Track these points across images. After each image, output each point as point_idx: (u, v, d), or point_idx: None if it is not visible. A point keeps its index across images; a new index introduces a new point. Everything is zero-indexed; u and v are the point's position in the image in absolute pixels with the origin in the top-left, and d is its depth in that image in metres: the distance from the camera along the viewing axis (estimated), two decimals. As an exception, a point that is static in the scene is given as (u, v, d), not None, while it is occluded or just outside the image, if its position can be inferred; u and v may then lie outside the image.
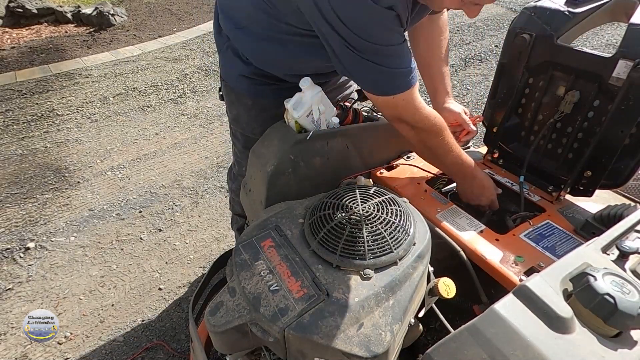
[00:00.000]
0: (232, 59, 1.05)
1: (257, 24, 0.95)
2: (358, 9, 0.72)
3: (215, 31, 1.09)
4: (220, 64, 1.14)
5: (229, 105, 1.17)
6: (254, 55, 1.01)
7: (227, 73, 1.10)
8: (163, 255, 1.92)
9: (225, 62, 1.08)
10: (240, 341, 0.69)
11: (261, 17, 0.92)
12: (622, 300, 0.46)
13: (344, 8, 0.72)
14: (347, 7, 0.72)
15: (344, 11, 0.73)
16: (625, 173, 0.92)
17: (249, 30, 0.97)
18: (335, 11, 0.73)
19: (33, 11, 4.57)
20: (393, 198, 0.83)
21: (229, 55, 1.05)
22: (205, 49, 4.09)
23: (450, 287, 0.75)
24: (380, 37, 0.76)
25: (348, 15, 0.73)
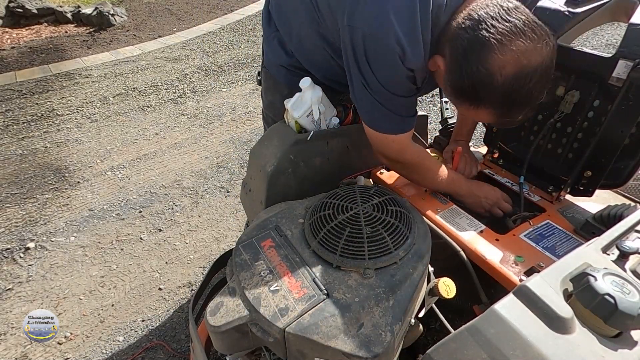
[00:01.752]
0: (277, 49, 1.09)
1: (307, 32, 0.99)
2: (386, 61, 0.80)
3: (265, 20, 1.13)
4: (263, 50, 1.19)
5: (265, 90, 1.23)
6: (300, 54, 1.05)
7: (269, 61, 1.14)
8: (163, 255, 1.92)
9: (269, 50, 1.13)
10: (240, 341, 0.69)
11: (311, 28, 0.96)
12: (622, 301, 0.46)
13: (374, 57, 0.80)
14: (377, 57, 0.80)
15: (374, 59, 0.80)
16: (625, 173, 0.92)
17: (299, 33, 1.02)
18: (367, 55, 0.80)
19: (33, 11, 4.57)
20: (393, 198, 0.83)
21: (274, 44, 1.10)
22: (205, 49, 4.09)
23: (451, 287, 0.75)
24: (394, 87, 0.84)
25: (376, 63, 0.81)
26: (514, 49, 0.68)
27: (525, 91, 0.71)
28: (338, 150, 1.03)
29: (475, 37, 0.70)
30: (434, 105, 3.02)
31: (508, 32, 0.68)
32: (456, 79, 0.76)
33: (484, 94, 0.73)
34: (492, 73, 0.69)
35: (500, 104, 0.74)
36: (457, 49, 0.74)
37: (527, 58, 0.68)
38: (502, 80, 0.70)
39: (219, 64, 3.80)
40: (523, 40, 0.68)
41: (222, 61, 3.85)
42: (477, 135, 2.33)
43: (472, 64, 0.71)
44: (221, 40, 4.29)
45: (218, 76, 3.60)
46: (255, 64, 3.81)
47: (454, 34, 0.75)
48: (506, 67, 0.69)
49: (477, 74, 0.71)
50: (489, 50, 0.68)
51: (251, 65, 3.78)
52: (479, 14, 0.71)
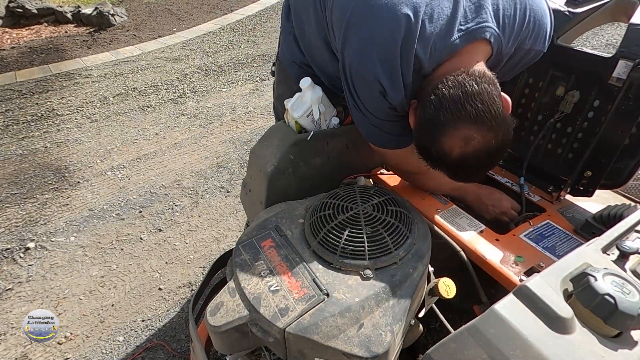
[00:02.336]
0: (292, 45, 1.10)
1: (315, 36, 0.99)
2: (370, 94, 0.83)
3: (284, 15, 1.14)
4: (280, 44, 1.20)
5: (277, 82, 1.24)
6: (308, 54, 1.06)
7: (284, 55, 1.16)
8: (163, 255, 1.92)
9: (285, 45, 1.14)
10: (240, 341, 0.69)
11: (319, 33, 0.97)
12: (623, 301, 0.46)
13: (359, 89, 0.85)
14: (361, 90, 0.85)
15: (359, 91, 0.85)
16: (625, 173, 0.92)
17: (308, 34, 1.03)
18: (354, 85, 0.85)
19: (33, 11, 4.57)
20: (393, 198, 0.83)
21: (290, 40, 1.11)
22: (205, 49, 4.09)
23: (451, 287, 0.75)
24: (381, 115, 0.87)
25: (361, 94, 0.85)
26: (463, 136, 0.73)
27: (472, 169, 0.79)
28: (338, 150, 1.03)
29: (434, 116, 0.74)
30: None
31: (461, 119, 0.72)
32: (418, 144, 0.83)
33: (436, 163, 0.80)
34: (442, 152, 0.76)
35: (451, 173, 0.81)
36: (421, 119, 0.79)
37: (474, 146, 0.73)
38: (449, 160, 0.76)
39: (219, 64, 3.80)
40: (474, 130, 0.72)
41: (222, 61, 3.85)
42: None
43: (426, 140, 0.78)
44: (221, 40, 4.29)
45: (218, 76, 3.60)
46: (255, 64, 3.81)
47: (423, 99, 0.79)
48: (454, 150, 0.74)
49: (428, 149, 0.78)
50: (442, 132, 0.74)
51: (251, 65, 3.78)
52: (443, 92, 0.74)
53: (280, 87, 1.21)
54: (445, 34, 0.77)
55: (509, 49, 0.85)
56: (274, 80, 1.28)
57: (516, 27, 0.83)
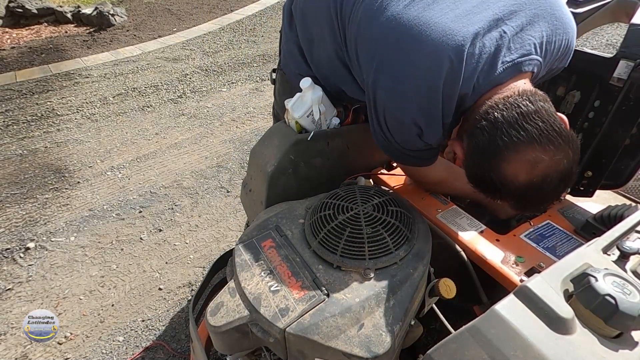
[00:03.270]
0: (297, 57, 1.05)
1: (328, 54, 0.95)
2: (404, 134, 0.80)
3: (286, 21, 1.08)
4: (282, 52, 1.14)
5: (280, 92, 1.19)
6: (317, 70, 1.02)
7: (287, 65, 1.11)
8: (163, 255, 1.92)
9: (288, 55, 1.09)
10: (240, 341, 0.69)
11: (334, 52, 0.93)
12: (623, 301, 0.46)
13: (393, 128, 0.80)
14: (395, 129, 0.80)
15: (393, 130, 0.81)
16: (626, 173, 0.92)
17: (319, 51, 0.99)
18: (387, 124, 0.80)
19: (33, 11, 4.57)
20: (393, 198, 0.83)
21: (294, 51, 1.05)
22: (205, 49, 4.09)
23: (451, 287, 0.74)
24: (412, 147, 0.84)
25: (394, 133, 0.81)
26: (528, 160, 0.66)
27: (541, 196, 0.71)
28: (338, 151, 1.02)
29: (490, 142, 0.68)
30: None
31: (523, 141, 0.65)
32: (472, 175, 0.76)
33: (498, 194, 0.73)
34: (506, 180, 0.68)
35: (516, 203, 0.74)
36: (473, 148, 0.72)
37: (541, 169, 0.66)
38: (515, 187, 0.69)
39: (219, 64, 3.80)
40: (539, 152, 0.65)
41: (222, 61, 3.85)
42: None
43: (485, 169, 0.70)
44: (221, 40, 4.29)
45: (218, 76, 3.60)
46: (255, 64, 3.81)
47: (471, 129, 0.73)
48: (519, 176, 0.67)
49: (491, 179, 0.70)
50: (502, 159, 0.67)
51: (251, 65, 3.78)
52: (495, 116, 0.68)
53: (284, 97, 1.14)
54: (489, 69, 0.72)
55: (543, 73, 0.82)
56: (275, 88, 1.23)
57: (553, 53, 0.79)
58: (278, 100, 1.22)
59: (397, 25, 0.74)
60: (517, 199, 0.72)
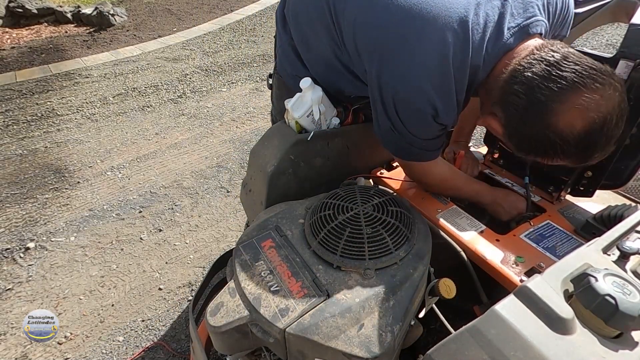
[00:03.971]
0: (292, 59, 1.05)
1: (325, 54, 0.94)
2: (418, 120, 0.78)
3: (279, 24, 1.08)
4: (277, 56, 1.14)
5: (277, 97, 1.18)
6: (314, 71, 1.02)
7: (283, 68, 1.10)
8: (163, 255, 1.92)
9: (284, 58, 1.08)
10: (240, 341, 0.69)
11: (330, 51, 0.92)
12: (623, 301, 0.46)
13: (406, 116, 0.78)
14: (409, 116, 0.78)
15: (405, 117, 0.78)
16: (626, 173, 0.92)
17: (316, 51, 0.98)
18: (398, 112, 0.78)
19: (33, 11, 4.57)
20: (393, 198, 0.83)
21: (289, 53, 1.05)
22: (205, 49, 4.09)
23: (451, 287, 0.74)
24: (425, 135, 0.83)
25: (407, 120, 0.78)
26: (579, 105, 0.62)
27: (602, 141, 0.66)
28: (338, 151, 1.02)
29: (530, 102, 0.64)
30: (434, 105, 3.02)
31: (566, 88, 0.62)
32: (522, 142, 0.72)
33: (556, 152, 0.69)
34: (562, 134, 0.64)
35: (576, 155, 0.69)
36: (514, 115, 0.69)
37: (596, 111, 0.62)
38: (574, 138, 0.65)
39: (219, 64, 3.80)
40: (588, 94, 0.61)
41: (222, 61, 3.85)
42: (477, 135, 2.33)
43: (537, 129, 0.66)
44: (221, 40, 4.29)
45: (218, 76, 3.60)
46: (255, 64, 3.81)
47: (503, 98, 0.70)
48: (576, 125, 0.63)
49: (545, 137, 0.66)
50: (551, 113, 0.63)
51: (251, 65, 3.78)
52: (525, 75, 0.65)
53: (282, 102, 1.13)
54: (496, 37, 0.71)
55: (549, 38, 0.81)
56: (272, 93, 1.22)
57: (555, 15, 0.79)
58: (276, 105, 1.22)
59: (395, 9, 0.73)
60: (581, 149, 0.67)
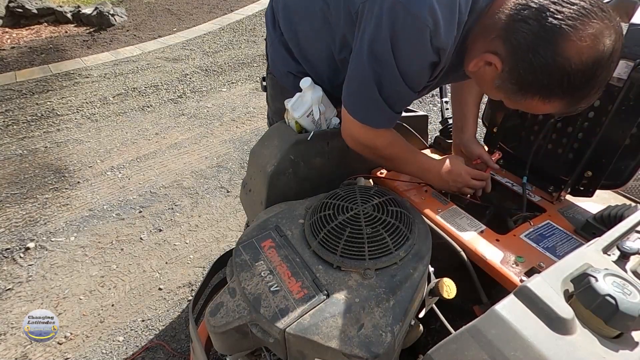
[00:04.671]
0: (283, 55, 1.04)
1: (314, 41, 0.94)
2: (413, 35, 0.72)
3: (269, 23, 1.07)
4: (268, 56, 1.13)
5: (272, 97, 1.18)
6: (305, 62, 1.01)
7: (275, 66, 1.10)
8: (163, 255, 1.92)
9: (275, 56, 1.08)
10: (240, 342, 0.69)
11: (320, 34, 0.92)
12: (623, 301, 0.46)
13: (401, 30, 0.72)
14: (405, 30, 0.72)
15: (399, 33, 0.72)
16: (626, 173, 0.92)
17: (305, 41, 0.98)
18: (393, 29, 0.72)
19: (33, 11, 4.57)
20: (393, 198, 0.83)
21: (280, 50, 1.05)
22: (205, 49, 4.09)
23: (451, 287, 0.74)
24: (410, 75, 0.77)
25: (400, 39, 0.72)
26: (590, 32, 0.61)
27: (604, 74, 0.66)
28: (338, 151, 1.02)
29: (543, 26, 0.63)
30: (433, 105, 3.02)
31: (578, 14, 0.61)
32: (525, 75, 0.68)
33: (560, 85, 0.67)
34: (571, 61, 0.63)
35: (575, 92, 0.68)
36: (522, 42, 0.66)
37: (604, 40, 0.62)
38: (582, 67, 0.63)
39: (219, 64, 3.80)
40: (597, 21, 0.61)
41: (222, 61, 3.85)
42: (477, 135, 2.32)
43: (546, 56, 0.64)
44: (221, 40, 4.29)
45: (218, 76, 3.60)
46: (255, 64, 3.81)
47: (508, 27, 0.67)
48: (585, 52, 0.62)
49: (554, 64, 0.64)
50: (564, 37, 0.61)
51: (251, 65, 3.78)
52: (535, 1, 0.64)
53: (277, 102, 1.14)
54: None
55: None
56: (266, 95, 1.22)
57: None
58: (271, 106, 1.21)
59: None
60: (579, 84, 0.66)
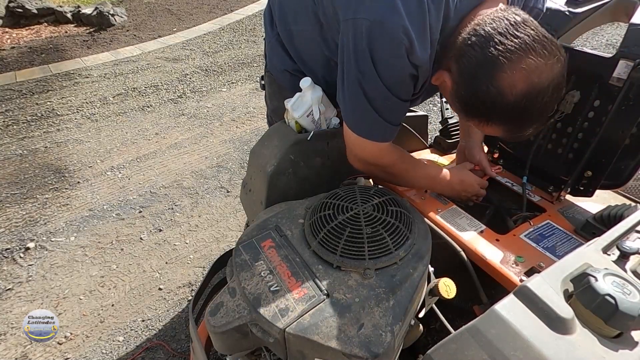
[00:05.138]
0: (280, 53, 1.05)
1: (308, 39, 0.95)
2: (391, 52, 0.75)
3: (267, 22, 1.08)
4: (266, 54, 1.14)
5: (270, 95, 1.19)
6: (299, 60, 1.02)
7: (273, 65, 1.11)
8: (163, 255, 1.92)
9: (273, 54, 1.09)
10: (240, 342, 0.69)
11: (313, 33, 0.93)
12: (623, 301, 0.46)
13: (379, 48, 0.75)
14: (383, 47, 0.75)
15: (378, 50, 0.75)
16: (626, 173, 0.92)
17: (299, 39, 0.98)
18: (371, 47, 0.75)
19: (33, 11, 4.57)
20: (393, 198, 0.83)
21: (277, 48, 1.06)
22: (205, 49, 4.09)
23: (451, 287, 0.75)
24: (393, 84, 0.79)
25: (379, 55, 0.75)
26: (524, 67, 0.66)
27: (537, 108, 0.70)
28: (338, 150, 1.02)
29: (484, 54, 0.68)
30: (433, 105, 3.02)
31: (517, 48, 0.66)
32: (466, 97, 0.74)
33: (494, 112, 0.72)
34: (503, 92, 0.68)
35: (511, 121, 0.73)
36: (465, 66, 0.71)
37: (538, 75, 0.66)
38: (513, 99, 0.68)
39: (219, 64, 3.80)
40: (533, 57, 0.65)
41: (222, 61, 3.85)
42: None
43: (481, 83, 0.69)
44: (221, 40, 4.29)
45: (218, 76, 3.60)
46: (255, 64, 3.81)
47: (460, 50, 0.72)
48: (517, 85, 0.67)
49: (487, 92, 0.69)
50: (499, 68, 0.66)
51: (251, 65, 3.78)
52: (485, 29, 0.68)
53: (275, 100, 1.15)
54: None
55: (519, 3, 0.82)
56: (265, 93, 1.22)
57: None
58: (269, 104, 1.22)
59: None
60: (513, 116, 0.71)
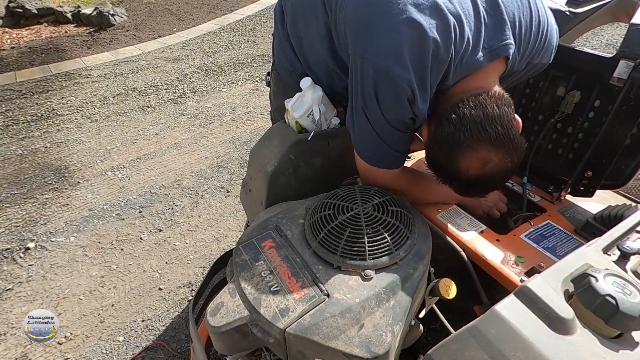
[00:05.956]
0: (289, 54, 1.06)
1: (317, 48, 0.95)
2: (395, 99, 0.78)
3: (278, 20, 1.08)
4: (275, 52, 1.14)
5: (275, 93, 1.19)
6: (306, 65, 1.02)
7: (280, 64, 1.11)
8: (163, 255, 1.91)
9: (282, 54, 1.09)
10: (240, 342, 0.69)
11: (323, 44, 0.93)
12: (624, 301, 0.46)
13: (384, 92, 0.78)
14: (387, 93, 0.78)
15: (383, 94, 0.79)
16: (626, 173, 0.92)
17: (308, 46, 0.99)
18: (376, 88, 0.78)
19: (33, 11, 4.57)
20: (394, 198, 0.83)
21: (286, 48, 1.06)
22: (205, 49, 4.08)
23: (451, 287, 0.74)
24: (396, 123, 0.83)
25: (384, 98, 0.79)
26: (481, 158, 0.74)
27: (483, 188, 0.83)
28: (339, 151, 1.02)
29: (453, 136, 0.74)
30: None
31: (482, 141, 0.73)
32: (431, 157, 0.83)
33: (449, 180, 0.81)
34: (459, 171, 0.77)
35: (463, 190, 0.83)
36: (437, 136, 0.78)
37: (491, 168, 0.75)
38: (464, 178, 0.77)
39: (219, 64, 3.80)
40: (492, 153, 0.73)
41: (222, 61, 3.85)
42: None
43: (443, 158, 0.78)
44: (221, 40, 4.29)
45: (218, 76, 3.60)
46: (255, 64, 3.81)
47: (440, 118, 0.78)
48: (470, 170, 0.76)
49: (446, 168, 0.79)
50: (461, 153, 0.75)
51: (251, 65, 3.78)
52: (464, 112, 0.74)
53: (279, 99, 1.14)
54: (472, 51, 0.76)
55: (519, 66, 0.85)
56: (270, 90, 1.22)
57: (530, 44, 0.82)
58: (273, 102, 1.22)
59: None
60: (464, 187, 0.81)
